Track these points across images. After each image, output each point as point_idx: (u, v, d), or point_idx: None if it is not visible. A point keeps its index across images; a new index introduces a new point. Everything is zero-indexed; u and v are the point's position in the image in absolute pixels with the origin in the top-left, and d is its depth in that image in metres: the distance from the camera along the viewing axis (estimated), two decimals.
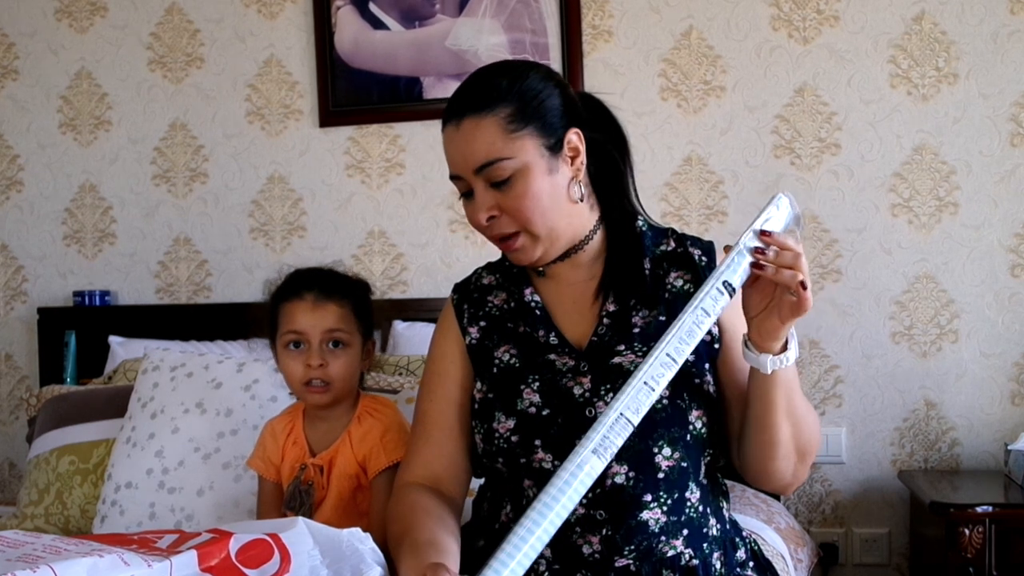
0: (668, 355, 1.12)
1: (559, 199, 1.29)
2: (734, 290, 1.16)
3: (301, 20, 2.72)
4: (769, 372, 1.20)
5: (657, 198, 2.54)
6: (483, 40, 2.60)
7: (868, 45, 2.45)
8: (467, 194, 1.31)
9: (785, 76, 2.49)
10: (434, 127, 2.65)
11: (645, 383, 1.12)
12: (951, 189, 2.43)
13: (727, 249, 1.18)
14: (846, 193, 2.47)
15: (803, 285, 1.13)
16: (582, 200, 1.32)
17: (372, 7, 2.66)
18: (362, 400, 1.62)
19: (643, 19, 2.55)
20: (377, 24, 2.66)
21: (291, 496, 1.57)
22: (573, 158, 1.31)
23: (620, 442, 1.11)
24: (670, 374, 1.13)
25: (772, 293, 1.16)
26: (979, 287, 2.42)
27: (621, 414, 1.11)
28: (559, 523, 1.08)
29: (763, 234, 1.15)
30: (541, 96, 1.29)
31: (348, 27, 2.67)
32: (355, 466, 1.55)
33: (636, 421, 1.11)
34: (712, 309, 1.14)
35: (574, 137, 1.30)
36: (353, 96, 2.68)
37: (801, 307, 1.15)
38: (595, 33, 2.57)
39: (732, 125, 2.52)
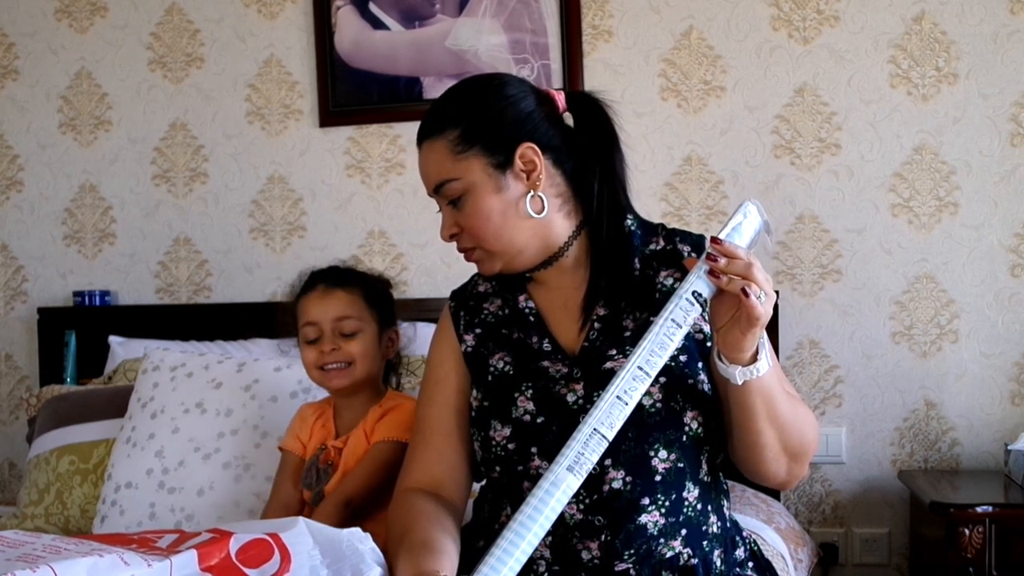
0: (640, 368, 1.11)
1: (511, 215, 1.30)
2: (705, 300, 1.14)
3: (301, 20, 2.72)
4: (739, 383, 1.17)
5: (657, 198, 2.53)
6: (483, 40, 2.60)
7: (868, 45, 2.45)
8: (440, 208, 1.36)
9: (785, 76, 2.49)
10: None
11: (618, 397, 1.10)
12: (951, 189, 2.43)
13: (691, 262, 1.16)
14: (846, 193, 2.47)
15: (744, 292, 1.10)
16: (542, 212, 1.30)
17: (372, 7, 2.66)
18: (388, 394, 1.67)
19: (643, 19, 2.55)
20: (377, 24, 2.66)
21: (307, 471, 1.61)
22: (529, 172, 1.30)
23: (595, 458, 1.10)
24: (643, 387, 1.12)
25: (737, 304, 1.13)
26: (979, 287, 2.42)
27: (595, 430, 1.10)
28: (536, 542, 1.08)
29: (713, 241, 1.13)
30: (490, 115, 1.30)
31: (348, 27, 2.67)
32: (365, 446, 1.58)
33: (611, 436, 1.11)
34: (683, 320, 1.13)
35: (528, 151, 1.29)
36: (353, 96, 2.68)
37: (752, 316, 1.11)
38: (595, 33, 2.57)
39: (732, 125, 2.52)
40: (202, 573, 1.03)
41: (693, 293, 1.13)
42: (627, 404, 1.11)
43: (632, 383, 1.11)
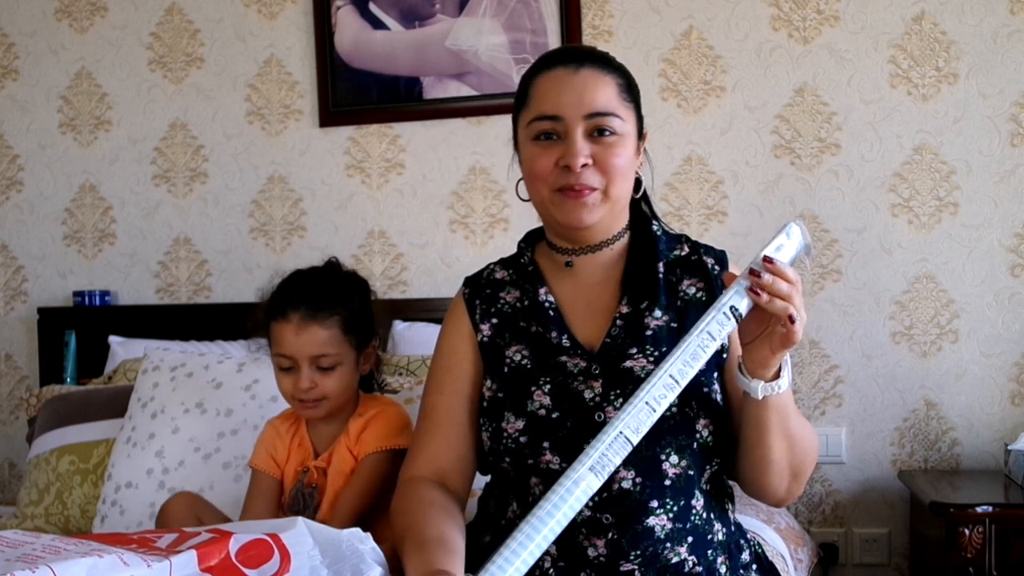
0: (672, 376, 1.13)
1: (631, 178, 1.36)
2: (741, 316, 1.16)
3: (301, 20, 2.72)
4: (760, 398, 1.20)
5: (657, 198, 2.53)
6: (483, 40, 2.60)
7: (868, 45, 2.45)
8: (547, 135, 1.32)
9: (785, 76, 2.49)
10: (434, 127, 2.66)
11: (647, 403, 1.12)
12: (951, 189, 2.43)
13: (730, 277, 1.19)
14: (846, 193, 2.47)
15: (791, 319, 1.13)
16: (635, 192, 1.38)
17: (372, 7, 2.66)
18: (362, 400, 1.62)
19: (643, 19, 2.55)
20: (377, 24, 2.66)
21: (294, 499, 1.57)
22: (639, 153, 1.38)
23: (618, 460, 1.12)
24: (672, 395, 1.14)
25: (767, 322, 1.16)
26: (979, 287, 2.42)
27: (621, 432, 1.11)
28: (552, 538, 1.08)
29: (766, 260, 1.15)
30: (638, 87, 1.40)
31: (348, 27, 2.67)
32: (351, 462, 1.55)
33: (636, 440, 1.12)
34: (718, 333, 1.15)
35: (647, 137, 1.40)
36: (353, 96, 2.68)
37: (790, 339, 1.15)
38: (595, 33, 2.57)
39: (732, 125, 2.52)
40: (202, 573, 1.03)
41: (730, 308, 1.15)
42: (655, 411, 1.13)
43: (662, 391, 1.13)
